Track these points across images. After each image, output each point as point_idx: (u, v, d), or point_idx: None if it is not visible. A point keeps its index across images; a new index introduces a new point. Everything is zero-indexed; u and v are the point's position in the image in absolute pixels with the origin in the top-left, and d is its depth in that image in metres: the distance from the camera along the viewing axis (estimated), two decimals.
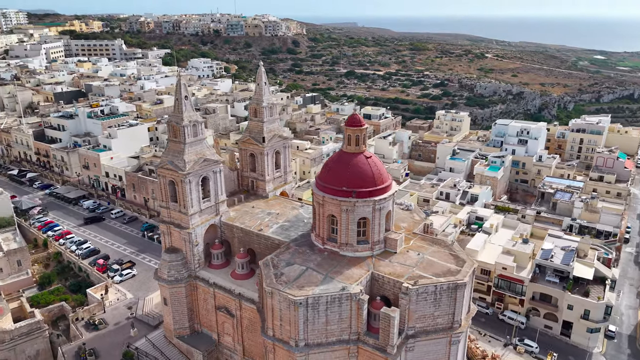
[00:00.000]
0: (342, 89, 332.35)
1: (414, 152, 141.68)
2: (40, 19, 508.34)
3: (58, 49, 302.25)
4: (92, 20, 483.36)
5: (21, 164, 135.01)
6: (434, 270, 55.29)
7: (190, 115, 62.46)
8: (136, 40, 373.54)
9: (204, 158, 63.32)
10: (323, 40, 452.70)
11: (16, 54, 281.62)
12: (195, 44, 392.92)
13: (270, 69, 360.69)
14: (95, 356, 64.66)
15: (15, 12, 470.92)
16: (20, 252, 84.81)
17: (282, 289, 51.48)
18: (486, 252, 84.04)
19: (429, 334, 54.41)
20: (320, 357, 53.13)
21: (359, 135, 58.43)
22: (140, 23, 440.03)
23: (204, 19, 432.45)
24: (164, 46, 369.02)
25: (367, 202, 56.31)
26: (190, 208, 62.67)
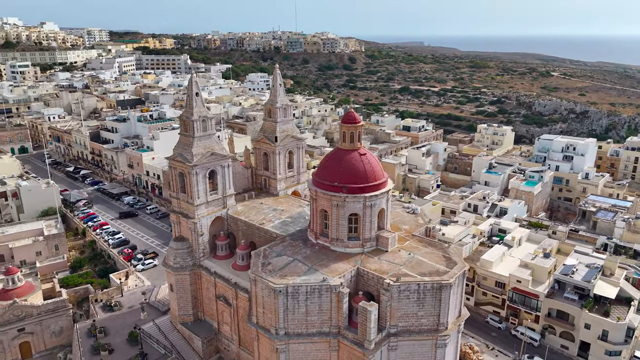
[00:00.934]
0: (394, 104, 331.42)
1: (449, 164, 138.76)
2: (120, 37, 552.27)
3: (130, 63, 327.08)
4: (166, 38, 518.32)
5: (78, 162, 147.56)
6: (421, 270, 54.51)
7: (200, 111, 66.29)
8: (201, 56, 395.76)
9: (211, 152, 66.71)
10: (380, 57, 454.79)
11: (93, 67, 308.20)
12: (256, 60, 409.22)
13: (325, 84, 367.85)
14: (105, 334, 69.25)
15: (99, 31, 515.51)
16: (58, 237, 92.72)
17: (265, 277, 53.02)
18: (503, 265, 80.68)
19: (413, 334, 53.50)
20: (301, 347, 53.80)
21: (354, 132, 59.30)
22: (207, 40, 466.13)
23: (266, 36, 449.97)
24: (227, 62, 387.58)
25: (357, 198, 56.81)
26: (197, 199, 66.07)
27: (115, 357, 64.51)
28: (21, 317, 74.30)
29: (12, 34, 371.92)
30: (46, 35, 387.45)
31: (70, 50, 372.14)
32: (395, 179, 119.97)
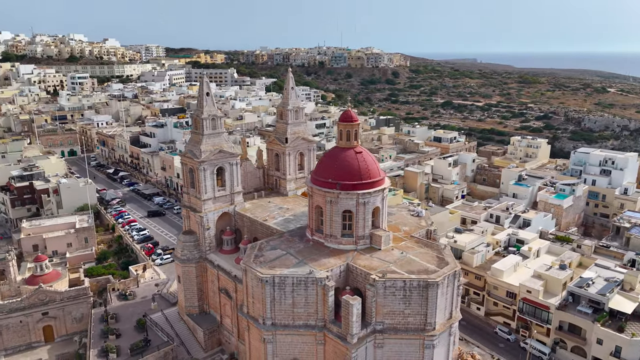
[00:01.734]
0: (436, 118, 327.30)
1: (478, 175, 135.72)
2: (176, 53, 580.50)
3: (180, 76, 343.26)
4: (217, 54, 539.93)
5: (118, 164, 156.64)
6: (409, 268, 54.28)
7: (210, 110, 69.58)
8: (248, 70, 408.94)
9: (219, 149, 69.63)
10: (424, 72, 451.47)
11: (145, 79, 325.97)
12: (301, 74, 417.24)
13: (367, 98, 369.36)
14: (116, 320, 73.04)
15: (156, 47, 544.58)
16: (88, 231, 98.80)
17: (254, 267, 54.64)
18: (517, 275, 78.10)
19: (399, 332, 53.18)
20: (288, 339, 54.67)
21: (350, 130, 60.42)
22: (255, 56, 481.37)
23: (311, 51, 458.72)
24: (272, 76, 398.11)
25: (350, 195, 57.56)
26: (204, 194, 69.02)
27: (121, 341, 67.83)
28: (45, 302, 79.54)
29: (77, 49, 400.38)
30: (107, 51, 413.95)
31: (127, 64, 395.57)
32: (418, 188, 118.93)
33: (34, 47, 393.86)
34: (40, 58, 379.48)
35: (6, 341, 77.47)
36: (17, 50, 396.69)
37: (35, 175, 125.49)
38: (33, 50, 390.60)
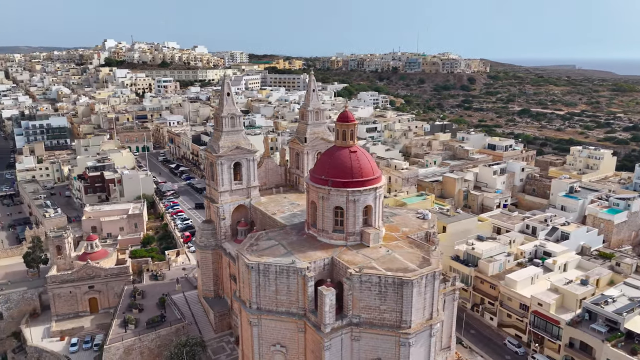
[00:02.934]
0: (510, 126, 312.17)
1: (528, 185, 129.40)
2: (259, 59, 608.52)
3: (255, 80, 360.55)
4: (296, 60, 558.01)
5: (181, 160, 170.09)
6: (389, 266, 55.36)
7: (230, 109, 75.23)
8: (322, 76, 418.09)
9: (237, 146, 75.02)
10: (504, 78, 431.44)
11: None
12: (373, 80, 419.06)
13: (438, 104, 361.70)
14: (142, 296, 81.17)
15: (240, 53, 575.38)
16: (138, 217, 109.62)
17: (244, 254, 58.85)
18: (534, 287, 74.87)
19: (375, 327, 54.41)
20: (272, 324, 58.06)
21: (346, 130, 62.52)
22: (331, 62, 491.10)
23: (386, 57, 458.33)
24: (344, 81, 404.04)
25: (340, 192, 59.78)
26: (221, 186, 74.74)
27: (142, 315, 75.47)
28: (92, 276, 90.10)
29: (168, 56, 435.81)
30: (194, 57, 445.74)
31: (210, 69, 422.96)
32: (456, 194, 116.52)
33: (132, 54, 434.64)
34: (136, 63, 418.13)
35: (58, 308, 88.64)
36: (118, 57, 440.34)
37: (107, 166, 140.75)
38: (131, 56, 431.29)
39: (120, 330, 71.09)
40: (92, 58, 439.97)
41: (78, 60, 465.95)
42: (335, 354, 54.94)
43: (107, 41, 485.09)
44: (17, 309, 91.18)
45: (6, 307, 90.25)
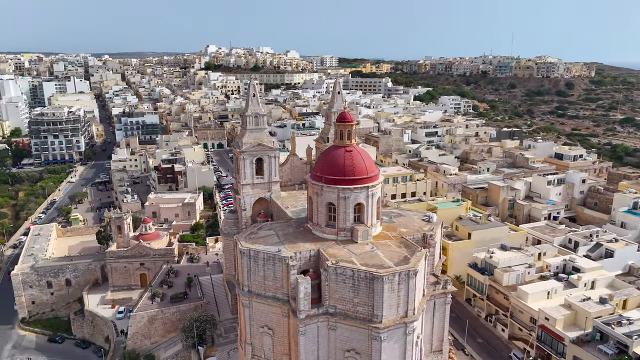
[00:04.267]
0: (608, 136, 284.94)
1: (590, 199, 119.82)
2: (349, 63, 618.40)
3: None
4: (384, 63, 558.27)
5: None
6: (367, 261, 57.34)
7: (254, 109, 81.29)
8: (405, 79, 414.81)
9: (259, 143, 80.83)
10: (610, 83, 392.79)
11: (306, 87, 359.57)
12: (459, 84, 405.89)
13: (528, 110, 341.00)
14: (175, 275, 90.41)
15: (330, 57, 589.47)
16: (191, 206, 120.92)
17: (240, 240, 64.30)
18: (550, 302, 71.23)
19: (349, 319, 56.73)
20: (261, 307, 62.78)
21: (344, 130, 65.26)
22: (418, 65, 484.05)
23: (476, 61, 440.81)
24: (429, 85, 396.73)
25: (331, 189, 62.80)
26: (243, 179, 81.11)
27: (169, 291, 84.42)
28: (142, 254, 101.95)
29: (261, 60, 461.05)
30: (284, 61, 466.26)
31: (298, 73, 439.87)
32: (500, 202, 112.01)
33: (229, 59, 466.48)
34: (232, 67, 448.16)
35: (114, 280, 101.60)
36: (217, 61, 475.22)
37: (178, 160, 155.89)
38: (227, 61, 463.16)
39: (148, 302, 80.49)
40: (194, 62, 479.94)
41: (182, 65, 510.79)
42: (311, 340, 58.17)
43: (209, 47, 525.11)
44: (83, 277, 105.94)
45: (74, 275, 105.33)
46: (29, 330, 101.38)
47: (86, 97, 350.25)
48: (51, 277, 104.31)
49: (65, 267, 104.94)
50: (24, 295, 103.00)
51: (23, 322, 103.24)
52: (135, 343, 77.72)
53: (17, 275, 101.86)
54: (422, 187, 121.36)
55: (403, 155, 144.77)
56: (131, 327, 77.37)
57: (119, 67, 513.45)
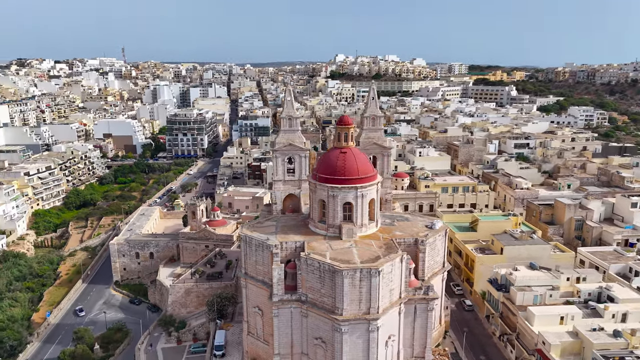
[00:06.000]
0: None
1: None
2: (481, 70, 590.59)
3: (454, 92, 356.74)
4: (517, 71, 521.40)
5: None
6: (338, 257, 60.73)
7: (288, 111, 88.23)
8: (534, 88, 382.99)
9: (290, 143, 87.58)
10: None
11: (420, 94, 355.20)
12: (601, 94, 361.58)
13: None
14: (221, 257, 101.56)
15: (459, 65, 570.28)
16: (259, 200, 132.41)
17: (244, 227, 71.80)
18: (564, 327, 65.33)
19: (316, 308, 60.56)
20: (254, 289, 69.50)
21: (340, 132, 68.80)
22: (555, 73, 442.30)
23: (625, 68, 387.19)
24: (563, 94, 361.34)
25: (322, 187, 66.99)
26: (275, 176, 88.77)
27: (211, 270, 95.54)
28: (207, 238, 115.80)
29: (383, 68, 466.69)
30: (407, 69, 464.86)
31: (419, 80, 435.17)
32: (565, 222, 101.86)
33: (353, 67, 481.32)
34: (355, 75, 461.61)
35: (184, 257, 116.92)
36: (342, 69, 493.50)
37: (266, 159, 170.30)
38: (351, 69, 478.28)
39: (189, 277, 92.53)
40: (321, 71, 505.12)
41: (311, 73, 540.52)
42: (285, 324, 63.25)
43: (337, 56, 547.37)
44: (163, 252, 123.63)
45: (156, 250, 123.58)
46: (118, 292, 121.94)
47: (221, 102, 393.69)
48: (139, 249, 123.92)
49: (150, 242, 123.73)
50: (117, 262, 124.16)
51: (115, 285, 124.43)
52: (174, 310, 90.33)
53: (114, 245, 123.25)
54: (484, 199, 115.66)
55: (479, 166, 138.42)
56: (171, 295, 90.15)
57: (256, 75, 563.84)
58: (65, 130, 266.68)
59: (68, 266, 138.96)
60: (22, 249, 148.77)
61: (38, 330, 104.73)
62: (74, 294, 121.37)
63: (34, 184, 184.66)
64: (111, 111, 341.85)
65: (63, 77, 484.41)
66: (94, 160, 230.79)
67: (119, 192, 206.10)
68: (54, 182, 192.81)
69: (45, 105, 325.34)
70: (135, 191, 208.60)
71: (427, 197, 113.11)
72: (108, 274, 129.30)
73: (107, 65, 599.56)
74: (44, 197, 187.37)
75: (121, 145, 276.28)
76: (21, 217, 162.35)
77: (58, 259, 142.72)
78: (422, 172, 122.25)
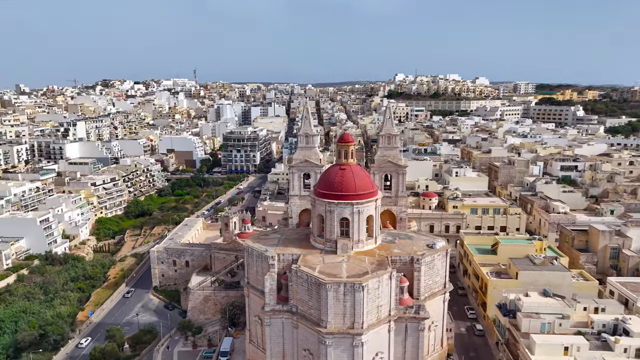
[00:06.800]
0: None
1: None
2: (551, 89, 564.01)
3: (514, 112, 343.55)
4: (589, 90, 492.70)
5: None
6: (327, 270, 62.01)
7: (306, 129, 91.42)
8: (605, 108, 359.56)
9: (306, 159, 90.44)
10: None
11: (478, 113, 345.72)
12: None
13: None
14: (242, 268, 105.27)
15: (525, 84, 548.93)
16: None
17: (250, 238, 74.99)
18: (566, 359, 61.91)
19: (304, 320, 62.11)
20: (255, 298, 72.17)
21: (341, 150, 70.50)
22: (631, 92, 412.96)
23: None
24: (637, 115, 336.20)
25: (320, 202, 68.86)
26: (292, 191, 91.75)
27: (231, 279, 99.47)
28: (237, 249, 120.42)
29: (442, 87, 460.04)
30: (467, 88, 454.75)
31: (479, 100, 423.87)
32: (600, 250, 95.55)
33: (412, 86, 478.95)
34: (412, 94, 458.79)
35: (215, 267, 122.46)
36: (401, 89, 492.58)
37: None
38: (410, 88, 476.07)
39: (208, 284, 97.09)
40: (378, 90, 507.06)
41: (369, 92, 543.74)
42: (277, 333, 65.22)
43: (397, 75, 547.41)
44: (197, 261, 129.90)
45: (191, 258, 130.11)
46: (155, 296, 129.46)
47: (279, 120, 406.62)
48: (176, 257, 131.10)
49: (186, 251, 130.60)
50: (157, 268, 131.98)
51: (154, 290, 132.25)
52: (193, 315, 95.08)
53: (154, 252, 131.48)
54: (515, 222, 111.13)
55: (518, 188, 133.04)
56: (190, 301, 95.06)
57: (316, 95, 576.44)
58: (133, 145, 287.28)
59: (117, 270, 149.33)
60: (82, 252, 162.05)
61: (80, 328, 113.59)
62: (116, 296, 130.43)
63: (99, 194, 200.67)
64: (177, 128, 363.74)
65: (138, 96, 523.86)
66: (155, 173, 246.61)
67: (174, 203, 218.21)
68: (117, 193, 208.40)
69: (118, 122, 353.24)
70: (188, 203, 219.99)
71: (454, 218, 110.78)
72: (149, 279, 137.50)
73: (179, 85, 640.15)
74: (107, 206, 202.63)
75: (182, 160, 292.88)
76: (85, 223, 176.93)
77: (109, 263, 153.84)
78: (451, 193, 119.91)
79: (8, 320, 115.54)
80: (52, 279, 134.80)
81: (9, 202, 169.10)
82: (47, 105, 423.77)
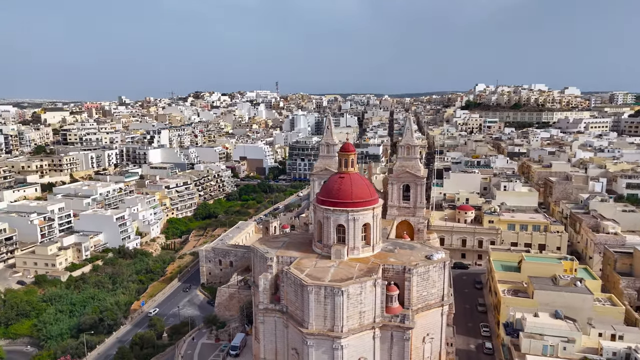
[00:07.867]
0: None
1: None
2: None
3: (603, 125, 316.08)
4: None
5: None
6: (314, 274, 64.34)
7: (327, 139, 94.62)
8: None
9: (326, 168, 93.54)
10: None
11: (560, 125, 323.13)
12: None
13: None
14: None
15: (625, 94, 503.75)
16: None
17: (258, 241, 79.28)
18: None
19: (292, 320, 64.77)
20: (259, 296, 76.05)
21: (341, 159, 72.33)
22: None
23: None
24: None
25: (319, 208, 71.29)
26: (312, 197, 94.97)
27: None
28: None
29: (524, 97, 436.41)
30: (552, 99, 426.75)
31: (565, 111, 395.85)
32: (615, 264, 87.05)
33: (492, 97, 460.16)
34: (491, 105, 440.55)
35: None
36: (480, 99, 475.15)
37: None
38: (489, 98, 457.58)
39: (235, 283, 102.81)
40: (455, 100, 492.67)
41: (446, 103, 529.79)
42: (270, 331, 68.59)
43: (477, 85, 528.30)
44: (240, 262, 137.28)
45: (235, 259, 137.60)
46: (202, 293, 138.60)
47: (349, 130, 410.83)
48: (221, 257, 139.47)
49: (230, 251, 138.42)
50: (204, 266, 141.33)
51: (202, 286, 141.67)
52: (219, 311, 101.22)
53: (202, 251, 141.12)
54: (556, 241, 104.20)
55: (570, 205, 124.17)
56: (217, 298, 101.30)
57: (391, 106, 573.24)
58: (209, 152, 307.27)
59: (175, 266, 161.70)
60: (150, 249, 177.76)
61: (132, 315, 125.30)
62: (168, 289, 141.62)
63: (172, 196, 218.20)
64: (252, 137, 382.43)
65: (222, 107, 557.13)
66: (225, 178, 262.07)
67: (239, 207, 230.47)
68: (188, 195, 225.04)
69: (199, 130, 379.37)
70: (252, 208, 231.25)
71: (488, 233, 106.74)
72: (199, 276, 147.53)
73: (261, 97, 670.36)
74: (179, 208, 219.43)
75: (253, 167, 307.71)
76: (156, 222, 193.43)
77: (169, 260, 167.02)
78: (489, 207, 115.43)
79: (79, 305, 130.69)
80: (120, 271, 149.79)
81: (95, 200, 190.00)
82: (141, 114, 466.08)
